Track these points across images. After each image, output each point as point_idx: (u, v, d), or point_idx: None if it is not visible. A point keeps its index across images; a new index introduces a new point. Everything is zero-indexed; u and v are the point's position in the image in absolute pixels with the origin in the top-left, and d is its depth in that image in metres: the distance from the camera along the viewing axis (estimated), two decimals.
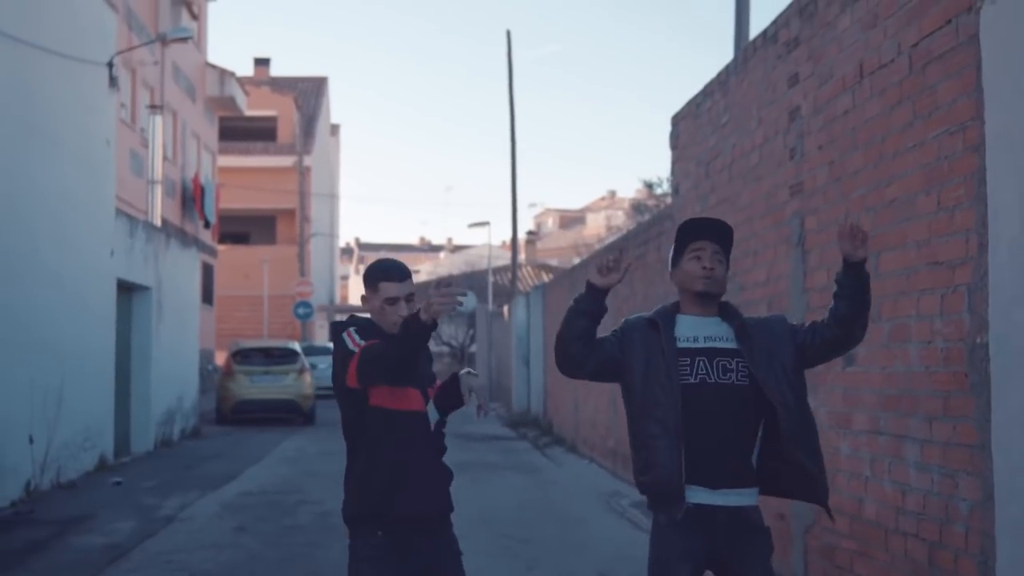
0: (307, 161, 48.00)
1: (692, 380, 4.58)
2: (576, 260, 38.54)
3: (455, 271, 57.89)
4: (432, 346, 25.07)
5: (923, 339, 6.17)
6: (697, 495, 4.53)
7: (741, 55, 9.75)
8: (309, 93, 53.87)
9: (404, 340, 4.57)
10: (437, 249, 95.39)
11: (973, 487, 5.62)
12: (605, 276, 4.63)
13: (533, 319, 25.64)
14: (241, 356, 26.57)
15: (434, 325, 4.52)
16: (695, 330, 4.68)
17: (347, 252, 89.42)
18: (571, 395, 19.63)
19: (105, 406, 16.65)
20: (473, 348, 49.01)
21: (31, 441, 13.46)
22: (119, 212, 17.64)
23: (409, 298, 4.88)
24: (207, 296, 37.60)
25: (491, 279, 39.07)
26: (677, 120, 11.90)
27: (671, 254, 4.82)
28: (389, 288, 4.87)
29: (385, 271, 4.93)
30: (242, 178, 44.88)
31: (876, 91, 6.82)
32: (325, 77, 56.89)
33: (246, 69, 55.46)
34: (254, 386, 25.86)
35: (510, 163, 33.19)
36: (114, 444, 17.21)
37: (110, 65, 16.59)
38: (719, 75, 10.32)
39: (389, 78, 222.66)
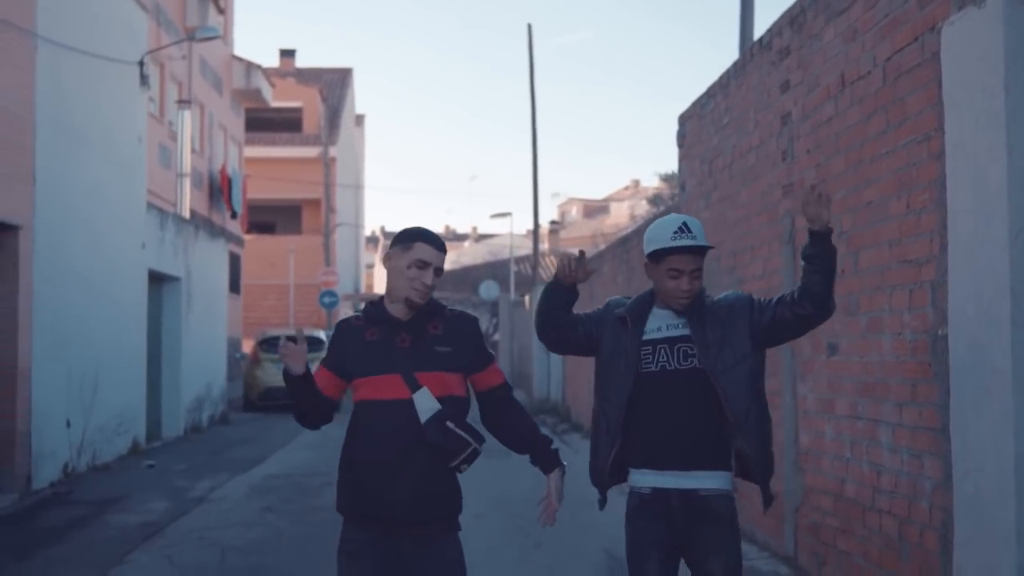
0: (332, 152, 48.54)
1: (653, 368, 4.68)
2: (602, 247, 39.01)
3: (478, 260, 58.54)
4: None
5: (894, 331, 6.69)
6: (649, 478, 4.67)
7: (740, 60, 10.27)
8: (334, 84, 54.42)
9: (288, 386, 4.61)
10: (462, 238, 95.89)
11: (936, 467, 6.15)
12: (568, 277, 4.76)
13: None
14: (268, 344, 27.21)
15: (298, 376, 4.50)
16: (664, 321, 4.74)
17: (372, 241, 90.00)
18: (588, 383, 20.17)
19: (138, 392, 17.30)
20: (496, 336, 49.60)
21: (68, 426, 14.11)
22: (150, 206, 18.28)
23: (438, 272, 4.58)
24: (234, 285, 38.17)
25: (513, 268, 39.50)
26: (684, 119, 12.42)
27: (646, 249, 4.79)
28: (425, 250, 4.56)
29: (424, 234, 4.65)
30: (268, 169, 45.49)
31: (855, 100, 7.34)
32: (350, 68, 57.44)
33: (272, 61, 56.14)
34: (280, 374, 26.44)
35: (531, 155, 33.70)
36: (146, 429, 17.86)
37: (141, 64, 17.21)
38: (721, 78, 10.84)
39: (414, 68, 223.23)
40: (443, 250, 4.60)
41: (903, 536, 6.58)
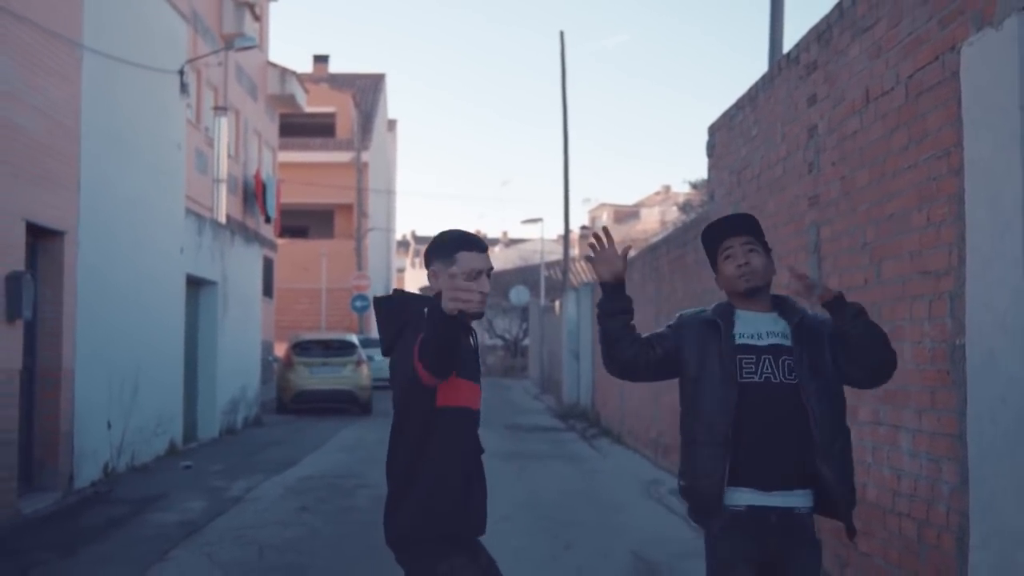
0: (364, 157, 48.96)
1: (757, 379, 4.46)
2: (632, 253, 39.05)
3: (509, 265, 58.81)
4: (486, 339, 26.65)
5: (915, 340, 6.91)
6: (748, 497, 4.44)
7: (769, 73, 10.50)
8: (367, 90, 54.84)
9: (435, 330, 4.04)
10: (493, 243, 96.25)
11: (953, 472, 6.37)
12: (605, 265, 4.58)
13: (583, 314, 26.42)
14: (301, 348, 27.52)
15: (458, 320, 4.01)
16: (757, 326, 4.56)
17: (403, 245, 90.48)
18: (617, 388, 20.41)
19: (175, 395, 17.63)
20: (526, 341, 49.85)
21: (109, 426, 14.44)
22: (188, 211, 18.62)
23: (489, 272, 4.43)
24: (267, 289, 38.65)
25: (543, 274, 39.76)
26: (713, 130, 12.65)
27: (704, 248, 4.83)
28: (471, 259, 4.34)
29: (464, 239, 4.42)
30: (301, 173, 45.91)
31: (879, 115, 7.57)
32: (383, 74, 57.89)
33: (306, 66, 56.55)
34: (313, 377, 26.79)
35: (563, 162, 33.93)
36: (183, 431, 18.19)
37: (181, 72, 17.56)
38: (750, 90, 11.07)
39: (447, 73, 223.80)
40: (485, 250, 4.40)
41: (922, 538, 6.79)
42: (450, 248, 4.37)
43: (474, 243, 4.40)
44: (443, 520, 4.32)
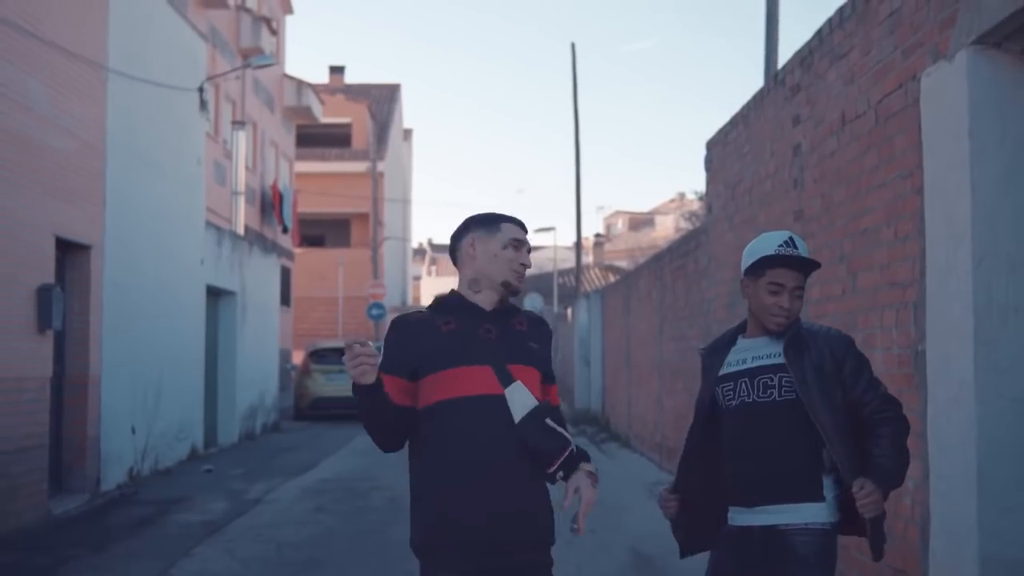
0: (380, 167, 49.54)
1: (733, 403, 4.43)
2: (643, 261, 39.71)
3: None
4: None
5: (885, 346, 7.46)
6: (736, 517, 4.42)
7: (759, 94, 11.05)
8: (382, 100, 55.48)
9: (359, 402, 3.86)
10: None
11: (917, 468, 6.90)
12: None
13: (593, 321, 26.97)
14: (318, 356, 28.16)
15: (370, 386, 3.75)
16: (747, 352, 4.49)
17: (420, 253, 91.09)
18: (625, 394, 20.97)
19: (196, 401, 18.25)
20: None
21: (133, 431, 15.05)
22: (208, 223, 19.25)
23: (529, 249, 4.18)
24: (285, 298, 39.21)
25: (556, 282, 40.33)
26: (710, 146, 13.20)
27: (746, 263, 4.50)
28: (515, 230, 4.13)
29: (507, 216, 4.20)
30: (318, 183, 46.54)
31: (853, 137, 8.12)
32: (398, 84, 58.55)
33: (322, 77, 57.26)
34: (330, 384, 27.41)
35: (575, 172, 34.51)
36: (204, 436, 18.80)
37: (200, 90, 18.19)
38: (742, 109, 11.63)
39: (463, 81, 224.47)
40: (527, 230, 4.20)
41: (891, 530, 7.33)
42: (495, 219, 4.14)
43: (518, 221, 4.17)
44: (450, 527, 3.89)
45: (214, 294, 20.07)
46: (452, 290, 4.18)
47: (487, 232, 4.10)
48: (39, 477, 11.95)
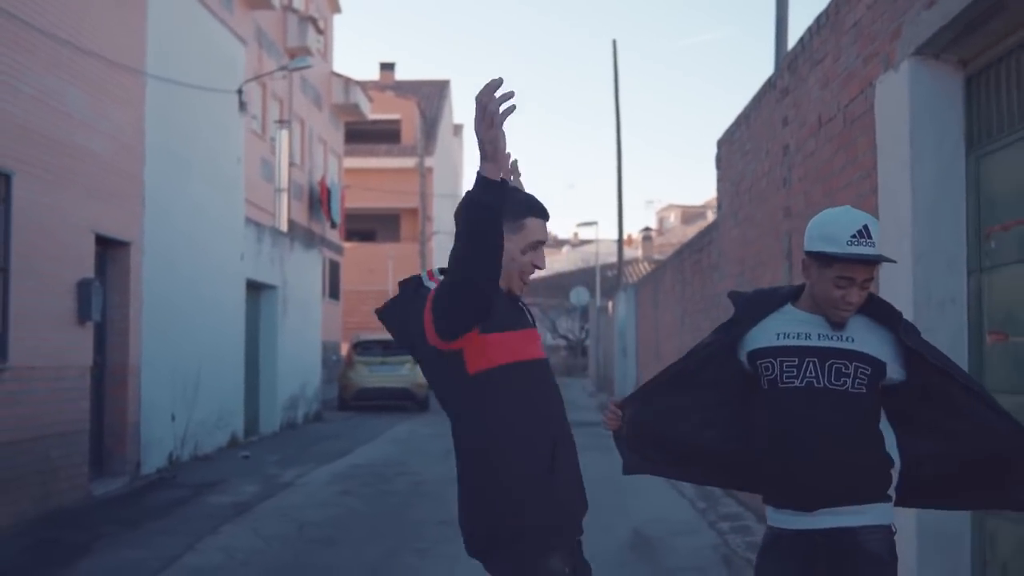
0: (429, 162, 50.21)
1: (796, 383, 3.94)
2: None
3: (571, 267, 59.88)
4: (548, 339, 27.89)
5: None
6: (788, 520, 3.97)
7: (757, 95, 11.55)
8: (432, 96, 56.14)
9: (477, 209, 3.35)
10: (562, 244, 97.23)
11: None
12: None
13: (629, 314, 27.49)
14: (361, 348, 28.87)
15: (503, 187, 3.34)
16: (808, 326, 4.01)
17: None
18: None
19: (236, 391, 18.98)
20: (589, 342, 50.91)
21: (173, 419, 15.77)
22: (248, 220, 19.97)
23: (544, 241, 3.82)
24: (334, 291, 40.12)
25: (599, 276, 40.85)
26: (720, 144, 13.70)
27: (815, 246, 3.99)
28: (538, 228, 3.75)
29: (532, 204, 3.77)
30: (368, 179, 47.30)
31: (827, 138, 8.63)
32: (447, 80, 59.14)
33: (373, 74, 58.03)
34: (373, 375, 28.12)
35: (616, 168, 34.95)
36: (244, 425, 19.53)
37: (239, 92, 18.90)
38: (744, 109, 12.13)
39: (515, 75, 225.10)
40: (548, 219, 3.80)
41: None
42: (520, 211, 3.72)
43: (542, 209, 3.77)
44: (534, 510, 3.59)
45: (255, 288, 20.78)
46: None
47: (510, 228, 3.64)
48: (80, 460, 12.66)
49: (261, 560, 9.80)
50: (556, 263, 68.42)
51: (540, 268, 3.80)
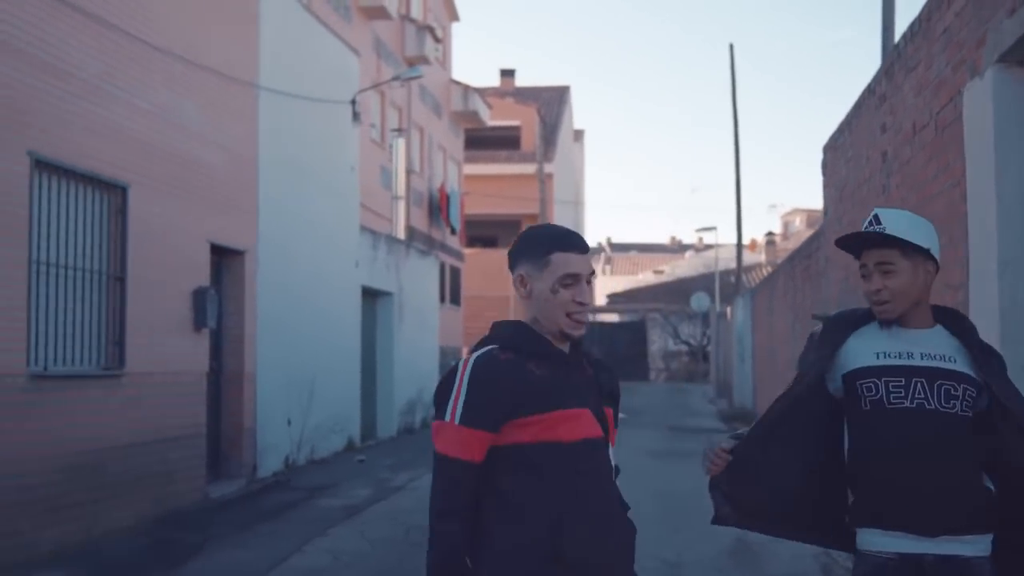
0: (548, 168, 50.48)
1: (905, 404, 3.78)
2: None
3: (693, 272, 59.63)
4: (670, 344, 27.94)
5: None
6: (896, 543, 3.77)
7: (858, 102, 11.50)
8: (552, 102, 56.41)
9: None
10: (686, 248, 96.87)
11: None
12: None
13: (746, 320, 27.37)
14: None
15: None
16: (910, 344, 3.87)
17: (598, 252, 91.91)
18: (769, 391, 21.37)
19: (352, 396, 19.35)
20: (710, 348, 50.69)
21: (289, 424, 16.16)
22: (363, 228, 20.35)
23: (590, 279, 3.48)
24: (455, 297, 40.54)
25: (718, 281, 40.69)
26: (826, 150, 13.65)
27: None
28: (568, 261, 3.41)
29: (558, 237, 3.47)
30: (489, 185, 47.72)
31: (920, 146, 8.60)
32: (567, 86, 59.38)
33: (493, 80, 58.48)
34: None
35: (734, 174, 34.81)
36: (361, 429, 19.91)
37: (353, 102, 19.29)
38: (847, 116, 12.08)
39: (637, 80, 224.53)
40: (586, 251, 3.48)
41: None
42: (543, 247, 3.46)
43: (572, 242, 3.46)
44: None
45: (371, 295, 21.16)
46: (518, 324, 3.51)
47: (535, 267, 3.45)
48: (196, 463, 13.07)
49: (365, 563, 10.07)
50: (679, 268, 68.21)
51: (585, 304, 3.44)
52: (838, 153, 12.76)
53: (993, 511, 3.76)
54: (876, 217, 3.88)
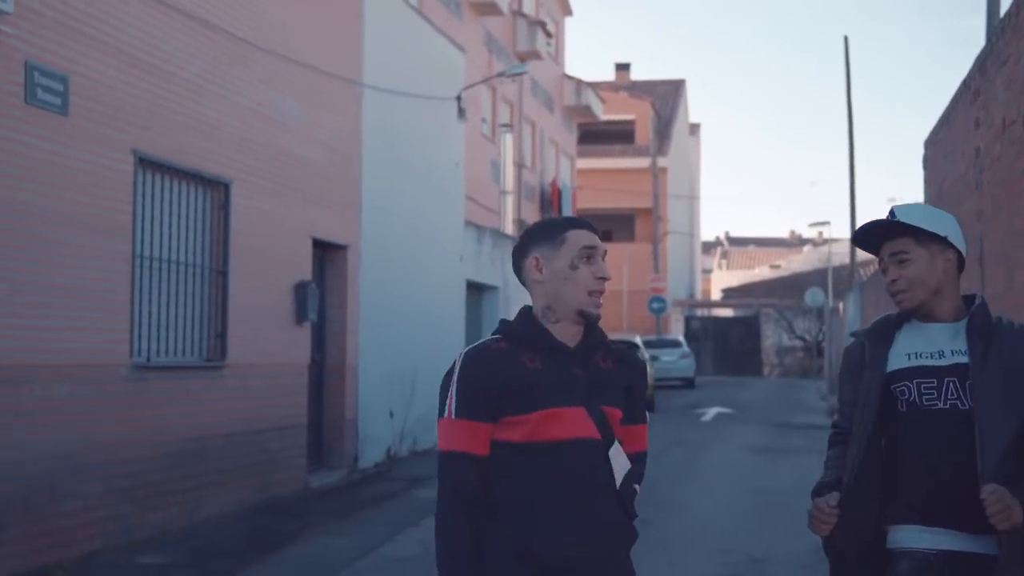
0: (662, 162, 50.33)
1: (939, 405, 3.70)
2: None
3: (808, 267, 59.03)
4: (784, 340, 27.88)
5: None
6: (941, 540, 3.64)
7: (955, 97, 11.39)
8: (667, 96, 56.22)
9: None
10: (807, 243, 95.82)
11: None
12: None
13: (857, 315, 27.09)
14: None
15: None
16: (938, 342, 3.77)
17: (715, 246, 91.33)
18: None
19: None
20: (825, 343, 50.14)
21: (391, 415, 16.43)
22: (468, 223, 20.58)
23: (604, 257, 3.47)
24: None
25: (831, 276, 40.25)
26: (927, 145, 13.51)
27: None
28: (585, 236, 3.43)
29: (570, 219, 3.55)
30: (603, 179, 47.77)
31: (1010, 141, 8.51)
32: (683, 80, 59.12)
33: (608, 74, 58.48)
34: None
35: (848, 166, 34.41)
36: None
37: (458, 98, 19.51)
38: (945, 111, 11.96)
39: (753, 74, 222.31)
40: (597, 232, 3.49)
41: None
42: (557, 227, 3.50)
43: (583, 223, 3.51)
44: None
45: (476, 289, 21.37)
46: (524, 312, 3.51)
47: (551, 246, 3.43)
48: (298, 453, 13.38)
49: None
50: (794, 263, 67.50)
51: (606, 278, 3.43)
52: (937, 148, 12.64)
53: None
54: (891, 212, 3.82)
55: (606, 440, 3.39)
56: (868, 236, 3.88)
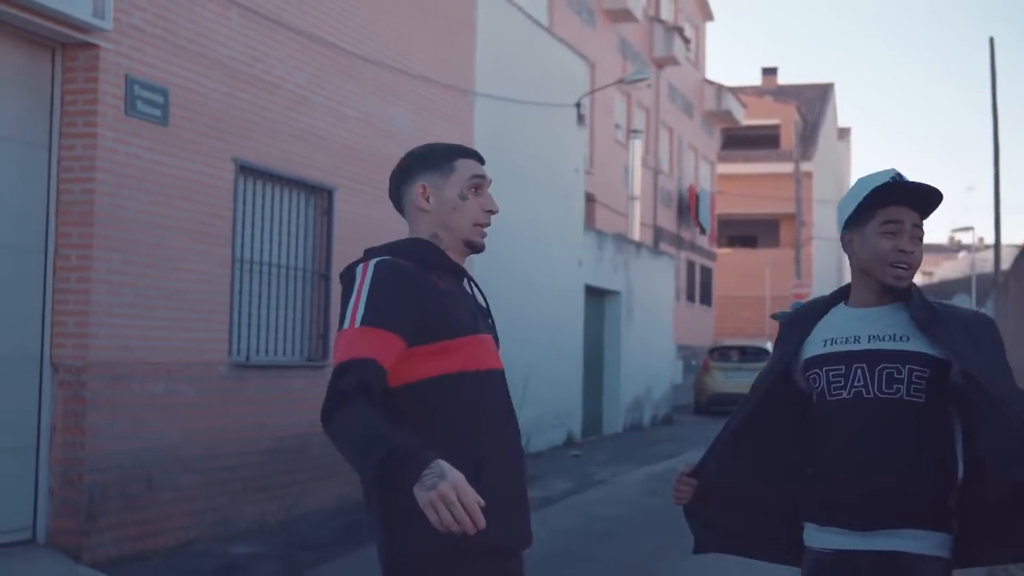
0: (807, 167, 49.80)
1: (843, 395, 3.50)
2: None
3: (959, 274, 57.80)
4: None
5: None
6: (834, 539, 3.51)
7: None
8: (813, 100, 55.66)
9: (358, 462, 2.87)
10: (963, 249, 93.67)
11: None
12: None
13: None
14: (718, 353, 29.32)
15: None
16: (858, 326, 3.54)
17: None
18: None
19: (573, 392, 19.82)
20: None
21: None
22: (588, 228, 20.82)
23: (489, 182, 3.40)
24: (705, 297, 40.69)
25: (974, 284, 39.53)
26: None
27: (846, 211, 3.58)
28: (474, 166, 3.35)
29: (458, 146, 3.43)
30: (747, 185, 47.53)
31: None
32: (831, 83, 58.46)
33: (755, 79, 58.03)
34: (728, 380, 28.39)
35: (993, 173, 33.72)
36: (583, 425, 20.36)
37: (577, 105, 19.77)
38: None
39: (905, 77, 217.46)
40: (483, 162, 3.43)
41: None
42: (445, 155, 3.37)
43: (472, 151, 3.44)
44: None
45: (598, 294, 21.58)
46: (414, 238, 3.37)
47: (439, 175, 3.33)
48: None
49: (535, 549, 10.47)
50: (945, 270, 66.14)
51: (494, 212, 3.37)
52: None
53: (948, 509, 3.46)
54: (899, 174, 3.52)
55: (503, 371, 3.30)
56: (899, 193, 3.48)
